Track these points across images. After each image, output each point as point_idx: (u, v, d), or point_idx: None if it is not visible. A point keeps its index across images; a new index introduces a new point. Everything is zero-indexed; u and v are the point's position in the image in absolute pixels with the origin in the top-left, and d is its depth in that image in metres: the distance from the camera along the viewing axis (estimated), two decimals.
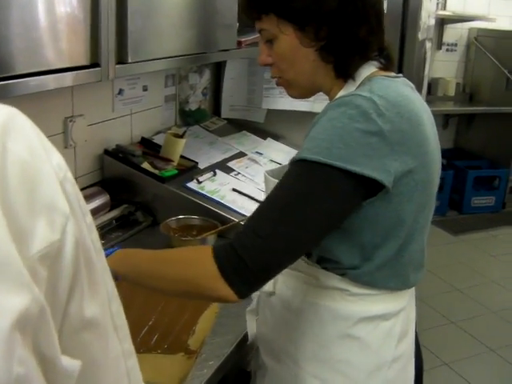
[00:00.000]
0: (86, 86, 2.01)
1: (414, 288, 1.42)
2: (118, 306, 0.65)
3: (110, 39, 1.54)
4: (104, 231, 2.09)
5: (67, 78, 1.45)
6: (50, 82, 1.41)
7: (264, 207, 1.17)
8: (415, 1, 2.59)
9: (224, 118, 3.04)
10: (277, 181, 1.21)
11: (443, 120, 5.69)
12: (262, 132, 2.93)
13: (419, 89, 3.01)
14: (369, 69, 1.28)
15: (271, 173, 1.41)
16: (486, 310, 3.90)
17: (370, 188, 1.14)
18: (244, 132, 2.95)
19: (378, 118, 1.12)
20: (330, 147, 1.11)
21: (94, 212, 2.10)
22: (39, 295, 0.49)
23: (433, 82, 5.36)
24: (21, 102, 1.83)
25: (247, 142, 2.84)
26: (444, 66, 5.60)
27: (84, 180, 2.22)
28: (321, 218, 1.14)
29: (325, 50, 1.25)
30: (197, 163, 2.39)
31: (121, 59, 1.61)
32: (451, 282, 4.25)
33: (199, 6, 2.00)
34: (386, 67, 1.31)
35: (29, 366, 0.48)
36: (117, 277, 1.28)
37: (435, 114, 1.37)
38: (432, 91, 5.33)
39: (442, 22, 5.43)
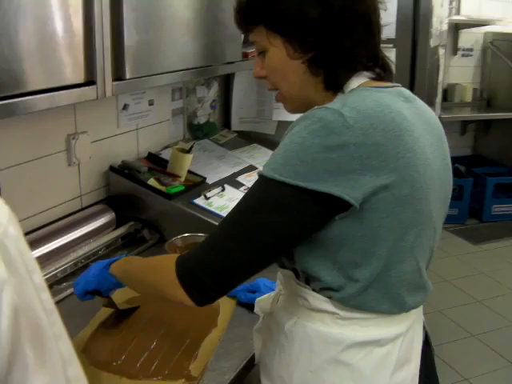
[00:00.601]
0: (89, 103, 1.96)
1: (420, 311, 1.34)
2: (76, 371, 0.58)
3: (105, 55, 1.50)
4: (109, 250, 2.05)
5: (61, 97, 1.41)
6: (44, 101, 1.37)
7: (223, 219, 1.20)
8: (425, 8, 2.52)
9: (234, 131, 2.99)
10: None
11: (461, 127, 5.57)
12: (274, 144, 2.84)
13: (432, 96, 2.94)
14: (359, 80, 1.22)
15: None
16: (508, 323, 3.78)
17: (338, 204, 1.09)
18: (255, 145, 2.90)
19: (344, 132, 1.06)
20: (285, 164, 1.09)
21: (99, 231, 2.06)
22: None
23: (449, 88, 5.25)
24: (22, 120, 1.81)
25: (258, 154, 2.79)
26: (460, 72, 5.49)
27: (89, 197, 2.19)
28: (271, 234, 1.12)
29: (313, 62, 1.22)
30: (205, 178, 2.34)
31: (118, 76, 1.57)
32: (472, 293, 4.14)
33: (202, 19, 1.96)
34: (380, 77, 1.26)
35: None
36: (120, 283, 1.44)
37: (452, 121, 1.29)
38: (448, 98, 5.21)
39: (456, 27, 5.32)
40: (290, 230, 1.13)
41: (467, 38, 5.51)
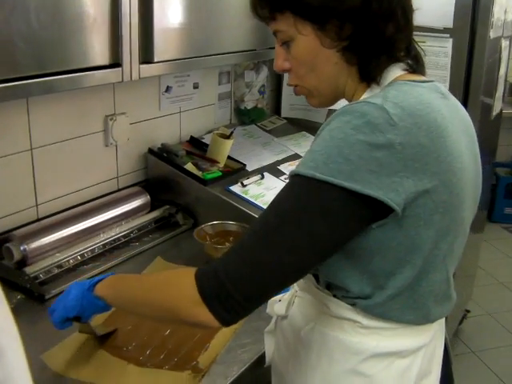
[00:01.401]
0: (130, 84, 1.97)
1: (442, 322, 1.27)
2: None
3: (132, 37, 1.48)
4: (141, 233, 2.05)
5: (83, 79, 1.39)
6: (65, 83, 1.36)
7: (253, 227, 1.05)
8: None
9: (284, 118, 2.94)
10: None
11: None
12: None
13: (491, 91, 2.81)
14: (394, 72, 1.13)
15: None
16: None
17: (378, 209, 0.99)
18: (303, 132, 2.85)
19: (389, 129, 0.97)
20: (327, 161, 0.97)
21: (132, 213, 2.06)
22: None
23: None
24: (60, 99, 1.82)
25: (305, 143, 2.72)
26: None
27: (127, 179, 2.20)
28: (313, 242, 0.99)
29: (348, 50, 1.11)
30: (245, 165, 2.31)
31: (146, 58, 1.55)
32: None
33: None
34: (414, 70, 1.17)
35: None
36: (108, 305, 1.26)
37: None
38: None
39: None
40: (334, 236, 1.01)
41: None
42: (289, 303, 1.30)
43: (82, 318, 1.31)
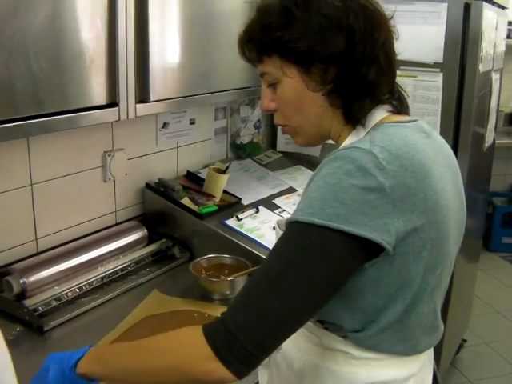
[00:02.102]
0: (127, 121, 2.02)
1: (431, 351, 1.31)
2: None
3: (129, 77, 1.54)
4: (138, 266, 2.09)
5: (81, 119, 1.45)
6: (62, 123, 1.42)
7: (257, 276, 1.06)
8: (474, 32, 2.46)
9: (280, 152, 3.00)
10: None
11: None
12: (317, 166, 2.85)
13: (483, 122, 2.86)
14: (379, 113, 1.17)
15: (282, 224, 1.32)
16: None
17: (371, 249, 1.03)
18: (298, 166, 2.90)
19: (378, 173, 1.01)
20: (323, 206, 1.00)
21: (130, 247, 2.10)
22: None
23: None
24: (59, 136, 1.87)
25: (300, 176, 2.78)
26: None
27: (125, 213, 2.24)
28: (317, 284, 1.02)
29: (333, 93, 1.15)
30: (240, 199, 2.36)
31: (142, 98, 1.61)
32: None
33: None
34: (398, 111, 1.21)
35: None
36: (93, 380, 1.17)
37: None
38: None
39: None
40: (336, 277, 1.03)
41: None
42: None
43: None
